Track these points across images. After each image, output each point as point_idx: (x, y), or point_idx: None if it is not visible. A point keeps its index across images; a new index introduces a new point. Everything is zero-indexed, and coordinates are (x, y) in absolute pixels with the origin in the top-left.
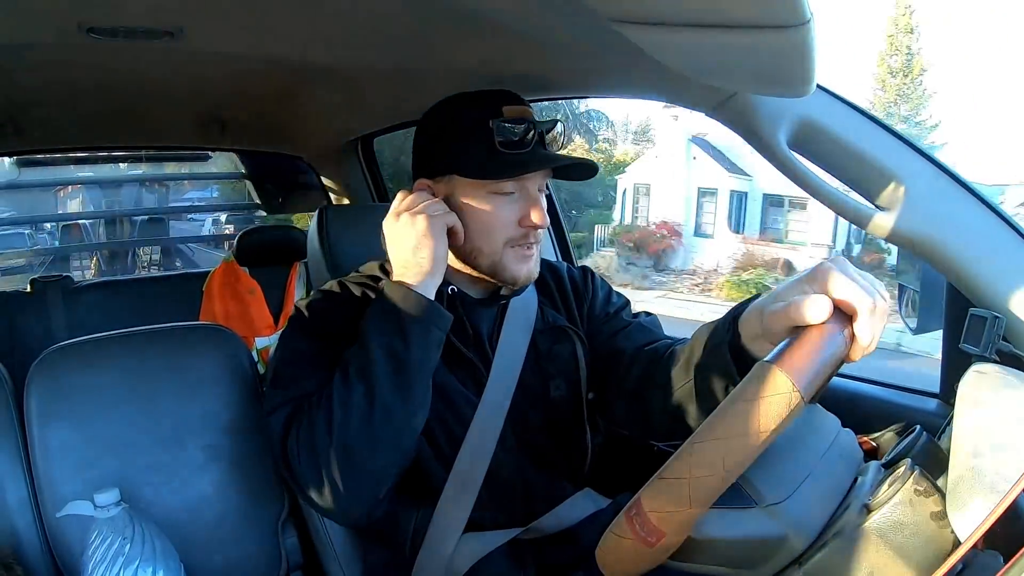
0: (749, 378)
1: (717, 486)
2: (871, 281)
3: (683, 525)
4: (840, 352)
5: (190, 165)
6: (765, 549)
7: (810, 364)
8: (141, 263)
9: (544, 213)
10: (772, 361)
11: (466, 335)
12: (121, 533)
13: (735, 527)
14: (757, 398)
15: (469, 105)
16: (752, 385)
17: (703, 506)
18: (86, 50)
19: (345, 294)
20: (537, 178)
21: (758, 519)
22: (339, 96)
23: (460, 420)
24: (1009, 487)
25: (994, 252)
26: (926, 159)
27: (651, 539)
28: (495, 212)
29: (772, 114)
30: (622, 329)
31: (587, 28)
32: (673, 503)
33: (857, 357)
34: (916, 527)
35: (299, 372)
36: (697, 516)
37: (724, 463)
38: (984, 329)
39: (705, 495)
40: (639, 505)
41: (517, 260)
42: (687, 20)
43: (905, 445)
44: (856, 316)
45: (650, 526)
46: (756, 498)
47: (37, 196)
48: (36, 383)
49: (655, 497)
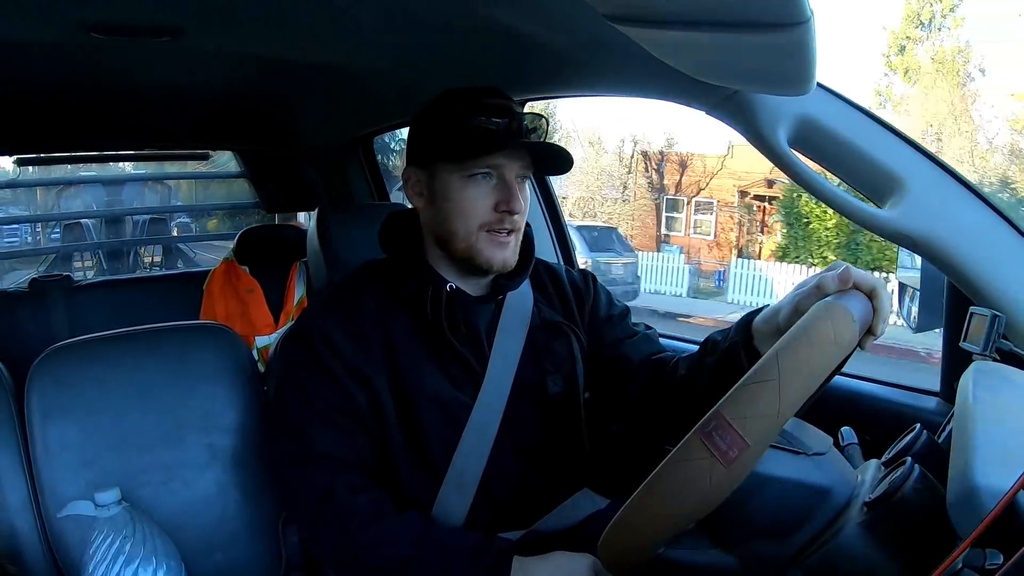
0: (815, 310)
1: (805, 388)
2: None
3: (768, 433)
4: (868, 315)
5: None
6: (812, 500)
7: (857, 308)
8: (143, 263)
9: (519, 199)
10: (831, 300)
11: (462, 332)
12: (122, 532)
13: (791, 469)
14: (829, 319)
15: (453, 98)
16: (821, 312)
17: (789, 411)
18: (87, 49)
19: (359, 320)
20: (513, 165)
21: (808, 467)
22: (339, 96)
23: (455, 424)
24: (1009, 486)
25: (995, 250)
26: (926, 157)
27: (732, 452)
28: (470, 196)
29: (772, 112)
30: (628, 338)
31: (587, 27)
32: (763, 405)
33: (878, 330)
34: (916, 525)
35: (323, 423)
36: (782, 426)
37: (810, 366)
38: (984, 328)
39: (794, 397)
40: (719, 417)
41: (492, 245)
42: (687, 18)
43: (905, 444)
44: (875, 291)
45: (733, 436)
46: (803, 448)
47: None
48: (37, 382)
49: (739, 405)
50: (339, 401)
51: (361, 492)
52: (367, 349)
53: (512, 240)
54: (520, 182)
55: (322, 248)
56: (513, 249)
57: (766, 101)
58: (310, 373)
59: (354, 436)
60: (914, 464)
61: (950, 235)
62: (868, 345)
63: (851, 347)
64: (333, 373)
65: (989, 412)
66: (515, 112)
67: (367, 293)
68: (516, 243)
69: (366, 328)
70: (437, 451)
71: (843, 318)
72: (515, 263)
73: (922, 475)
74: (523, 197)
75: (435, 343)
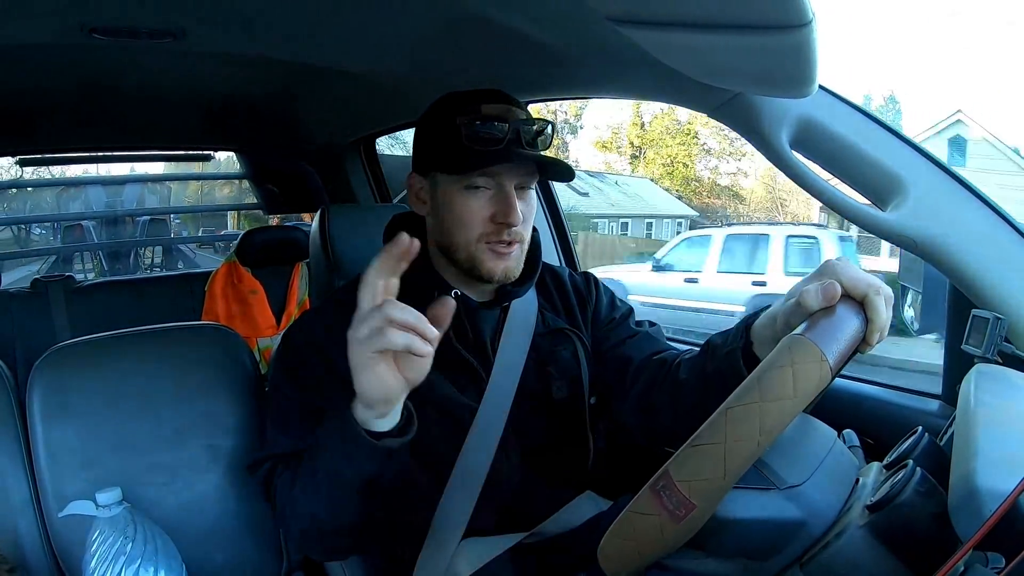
0: (779, 348)
1: (752, 452)
2: (872, 276)
3: (714, 495)
4: (858, 331)
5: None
6: (782, 533)
7: (834, 336)
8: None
9: (517, 212)
10: (801, 333)
11: (467, 339)
12: (122, 532)
13: (756, 509)
14: (790, 364)
15: (453, 103)
16: (783, 354)
17: (736, 474)
18: (88, 51)
19: (324, 331)
20: (512, 176)
21: (777, 502)
22: (340, 97)
23: (459, 428)
24: (1011, 489)
25: (996, 253)
26: (928, 159)
27: (680, 512)
28: (468, 207)
29: (774, 114)
30: (629, 337)
31: (588, 29)
32: (707, 470)
33: (874, 340)
34: (918, 528)
35: (284, 428)
36: (729, 487)
37: (760, 427)
38: (986, 330)
39: (740, 462)
40: (667, 477)
41: (492, 257)
42: (689, 21)
43: (907, 446)
44: (867, 299)
45: (680, 497)
46: (776, 481)
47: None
48: (38, 383)
49: (686, 466)
50: (319, 404)
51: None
52: None
53: (514, 250)
54: (522, 191)
55: (324, 249)
56: (516, 259)
57: (768, 103)
58: (297, 379)
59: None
60: (916, 467)
61: (952, 237)
62: (866, 351)
63: (818, 390)
64: (319, 380)
65: (991, 415)
66: (516, 118)
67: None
68: (519, 253)
69: None
70: (441, 455)
71: (808, 361)
72: (519, 272)
73: (924, 478)
74: (527, 206)
75: (440, 349)
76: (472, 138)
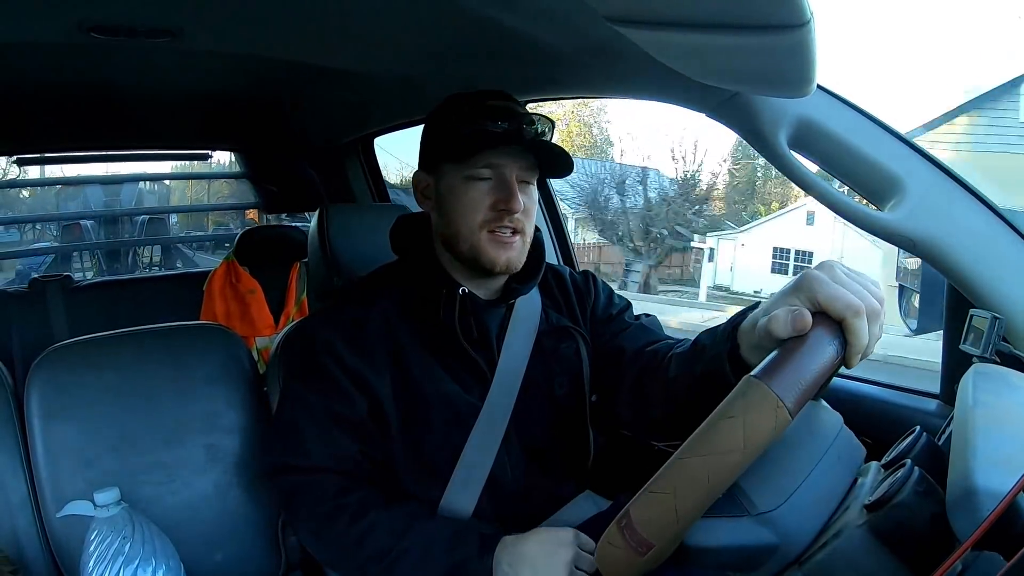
0: (735, 393)
1: (703, 501)
2: (863, 282)
3: (672, 537)
4: (830, 361)
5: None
6: (756, 557)
7: (796, 377)
8: (142, 263)
9: (518, 198)
10: (758, 376)
11: (473, 336)
12: (121, 532)
13: (726, 536)
14: (742, 414)
15: (458, 101)
16: (737, 401)
17: (690, 519)
18: (86, 50)
19: (364, 326)
20: (513, 166)
21: (749, 528)
22: (339, 96)
23: (463, 425)
24: (1009, 488)
25: (995, 253)
26: (927, 159)
27: (641, 549)
28: (470, 194)
29: (773, 114)
30: (624, 330)
31: (588, 29)
32: (661, 516)
33: (854, 363)
34: (916, 528)
35: (319, 431)
36: (686, 528)
37: (709, 479)
38: (984, 330)
39: (692, 509)
40: (629, 516)
41: (494, 245)
42: (688, 20)
43: (905, 446)
44: (845, 323)
45: (639, 537)
46: (748, 507)
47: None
48: (37, 382)
49: (643, 509)
50: (339, 408)
51: (351, 492)
52: (370, 355)
53: (516, 241)
54: (523, 185)
55: (322, 249)
56: (518, 250)
57: (766, 103)
58: (312, 382)
59: (350, 443)
60: (914, 466)
61: (950, 237)
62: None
63: (772, 439)
64: (335, 381)
65: (989, 414)
66: (518, 114)
67: (376, 297)
68: (522, 244)
69: (371, 334)
70: (445, 451)
71: (762, 410)
72: (521, 264)
73: (922, 477)
74: (528, 199)
75: (446, 346)
76: (476, 127)
